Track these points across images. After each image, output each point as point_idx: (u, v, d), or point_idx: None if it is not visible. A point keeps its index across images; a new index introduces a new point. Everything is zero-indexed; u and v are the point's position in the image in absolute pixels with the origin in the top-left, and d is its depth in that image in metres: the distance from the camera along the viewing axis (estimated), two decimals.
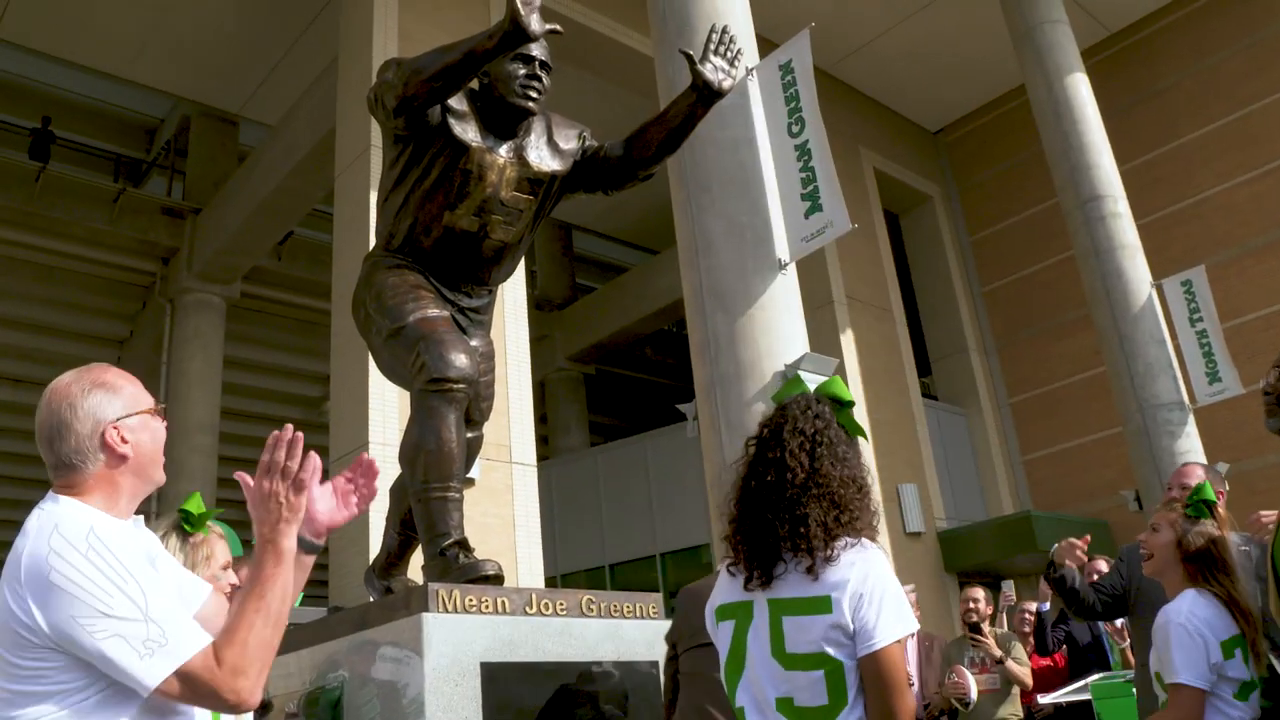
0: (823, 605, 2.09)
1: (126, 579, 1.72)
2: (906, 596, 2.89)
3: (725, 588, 2.30)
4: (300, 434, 1.95)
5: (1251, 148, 17.47)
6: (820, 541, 2.13)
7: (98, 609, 1.67)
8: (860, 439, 2.37)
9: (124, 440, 1.91)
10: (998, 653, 6.77)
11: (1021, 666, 6.81)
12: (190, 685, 1.71)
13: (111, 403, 1.92)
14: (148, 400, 1.99)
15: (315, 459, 1.96)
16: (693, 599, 3.57)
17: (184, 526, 2.75)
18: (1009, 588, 8.28)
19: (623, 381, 24.47)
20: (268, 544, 1.87)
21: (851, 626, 2.07)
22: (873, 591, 2.09)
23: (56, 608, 1.67)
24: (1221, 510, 3.32)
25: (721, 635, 2.28)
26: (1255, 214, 17.25)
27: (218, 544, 2.79)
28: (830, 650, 2.07)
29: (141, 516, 1.99)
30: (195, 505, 2.78)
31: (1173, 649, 2.97)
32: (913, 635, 4.99)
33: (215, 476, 15.81)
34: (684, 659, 3.57)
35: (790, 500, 2.18)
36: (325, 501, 2.12)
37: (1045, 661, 7.40)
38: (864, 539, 2.19)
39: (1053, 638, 7.19)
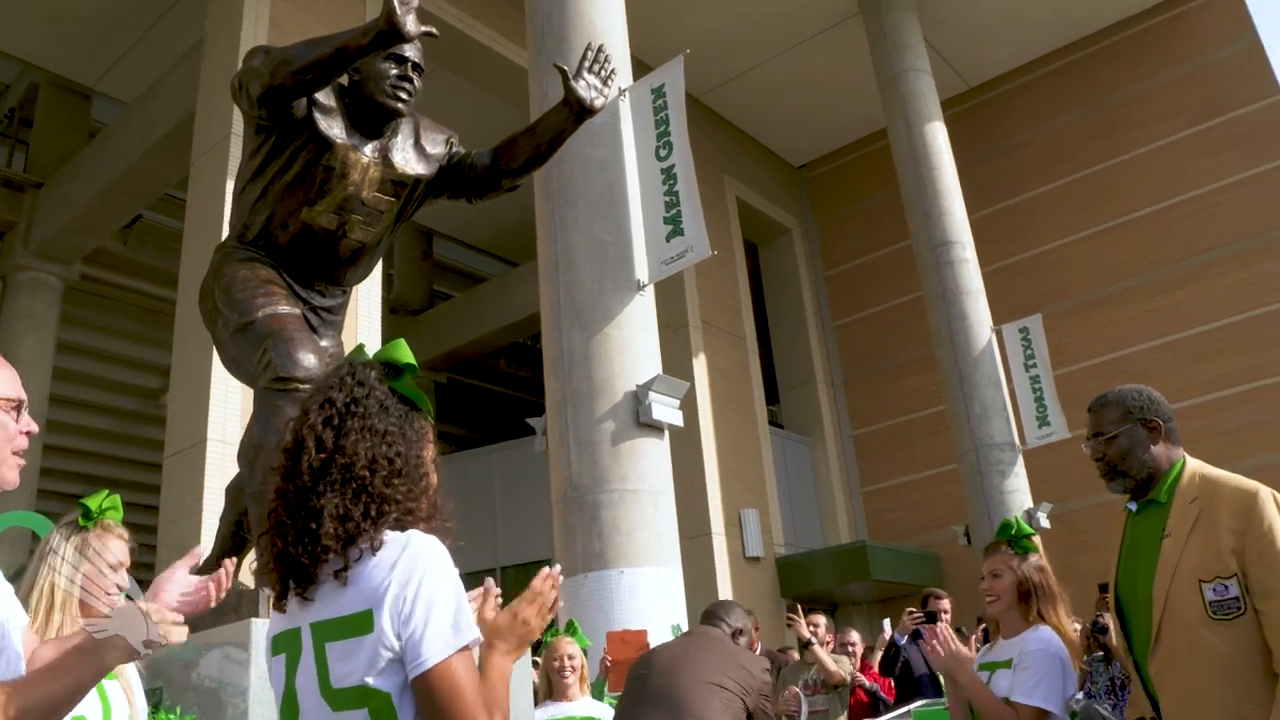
0: (363, 623, 1.66)
1: None
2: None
3: (276, 614, 1.85)
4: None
5: (1092, 206, 18.43)
6: (336, 540, 1.71)
7: None
8: (426, 412, 1.94)
9: None
10: (805, 635, 7.01)
11: (837, 665, 7.05)
12: None
13: None
14: (3, 388, 1.79)
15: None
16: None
17: (80, 521, 2.61)
18: (888, 628, 8.38)
19: (475, 392, 24.28)
20: (98, 659, 1.74)
21: (398, 644, 1.65)
22: (419, 594, 1.66)
23: None
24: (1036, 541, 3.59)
25: (275, 674, 1.82)
26: (1091, 269, 18.18)
27: (112, 541, 2.62)
28: (372, 681, 1.64)
29: None
30: (95, 501, 2.64)
31: (1043, 676, 3.19)
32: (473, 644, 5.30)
33: (39, 465, 15.05)
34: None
35: (307, 488, 1.76)
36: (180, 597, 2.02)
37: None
38: (411, 530, 1.76)
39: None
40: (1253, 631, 2.63)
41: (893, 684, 7.36)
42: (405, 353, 1.94)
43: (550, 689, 5.04)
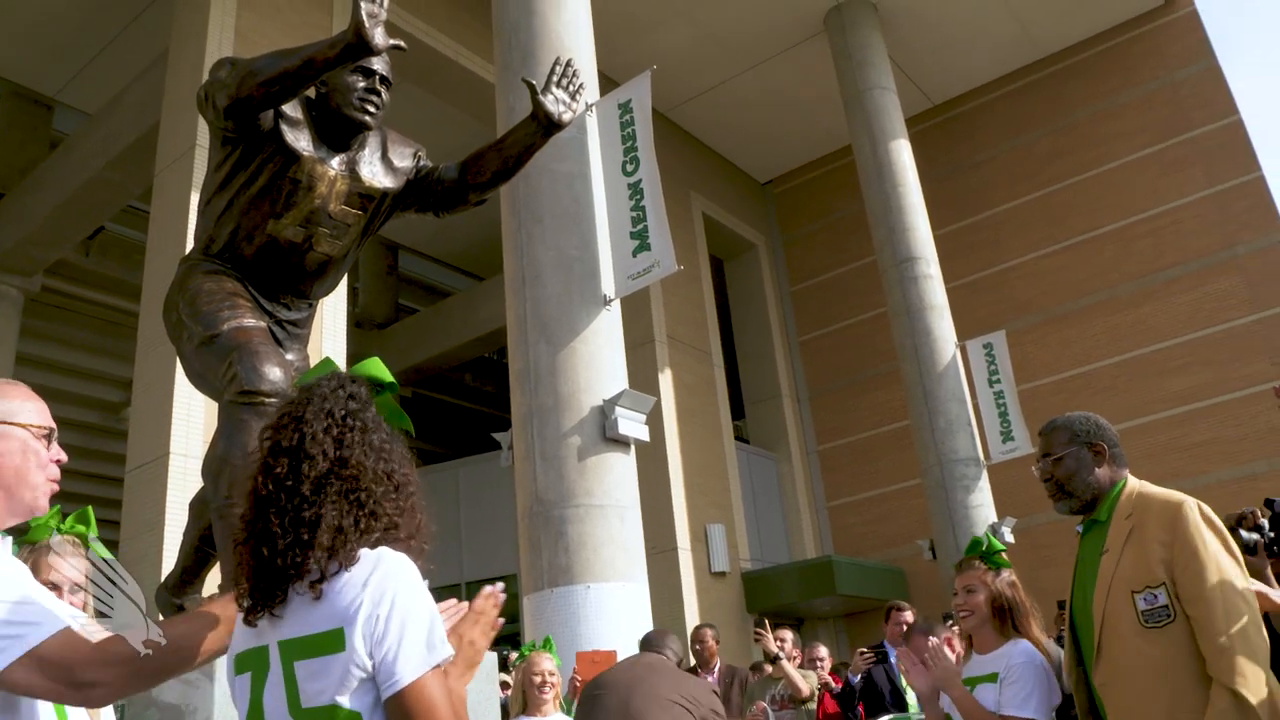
0: (334, 642, 1.64)
1: None
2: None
3: (242, 631, 1.81)
4: None
5: (1056, 223, 18.65)
6: (328, 552, 1.69)
7: None
8: (406, 431, 1.93)
9: None
10: (774, 649, 7.00)
11: (804, 679, 7.03)
12: (44, 670, 1.58)
13: None
14: (33, 416, 1.84)
15: None
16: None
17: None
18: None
19: (440, 406, 24.19)
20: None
21: (370, 664, 1.63)
22: (393, 613, 1.64)
23: None
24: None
25: (239, 693, 1.79)
26: (1055, 285, 18.38)
27: (51, 557, 2.48)
28: (342, 700, 1.62)
29: (9, 539, 1.83)
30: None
31: (1034, 688, 3.27)
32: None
33: None
34: None
35: (305, 498, 1.73)
36: None
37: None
38: (382, 548, 1.74)
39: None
40: (1185, 638, 2.72)
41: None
42: (384, 371, 1.94)
43: (525, 704, 5.05)
